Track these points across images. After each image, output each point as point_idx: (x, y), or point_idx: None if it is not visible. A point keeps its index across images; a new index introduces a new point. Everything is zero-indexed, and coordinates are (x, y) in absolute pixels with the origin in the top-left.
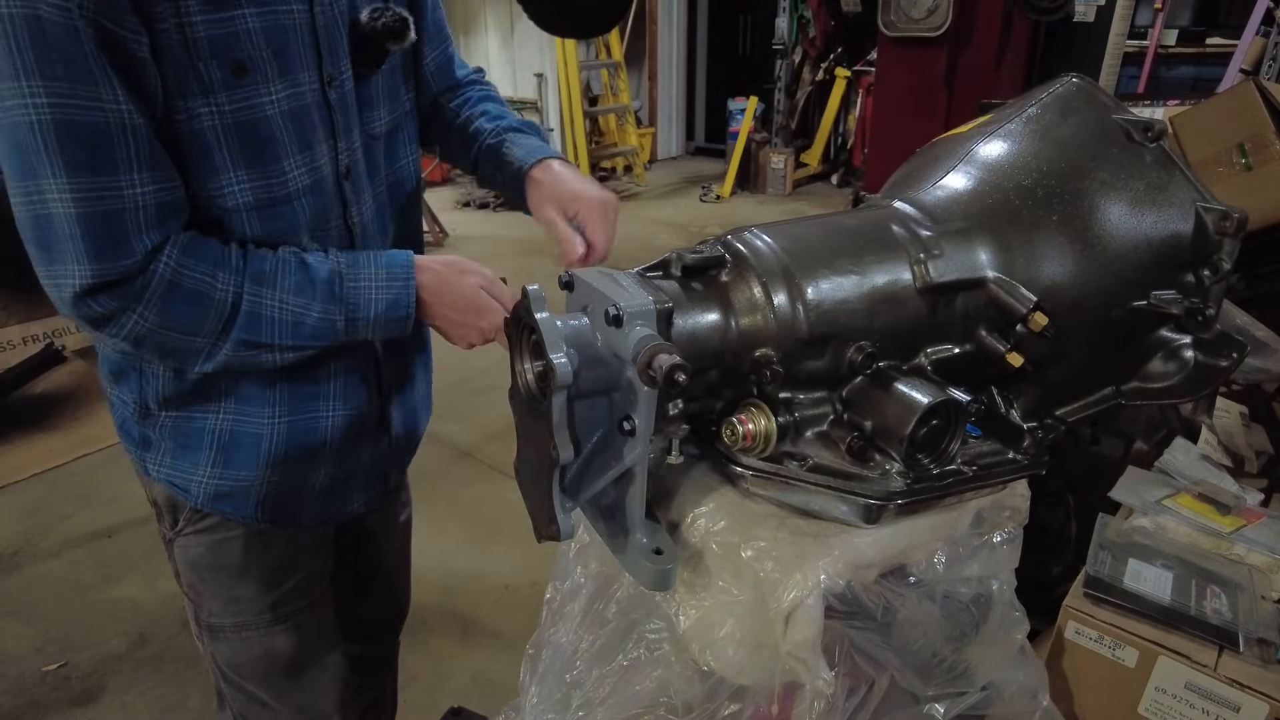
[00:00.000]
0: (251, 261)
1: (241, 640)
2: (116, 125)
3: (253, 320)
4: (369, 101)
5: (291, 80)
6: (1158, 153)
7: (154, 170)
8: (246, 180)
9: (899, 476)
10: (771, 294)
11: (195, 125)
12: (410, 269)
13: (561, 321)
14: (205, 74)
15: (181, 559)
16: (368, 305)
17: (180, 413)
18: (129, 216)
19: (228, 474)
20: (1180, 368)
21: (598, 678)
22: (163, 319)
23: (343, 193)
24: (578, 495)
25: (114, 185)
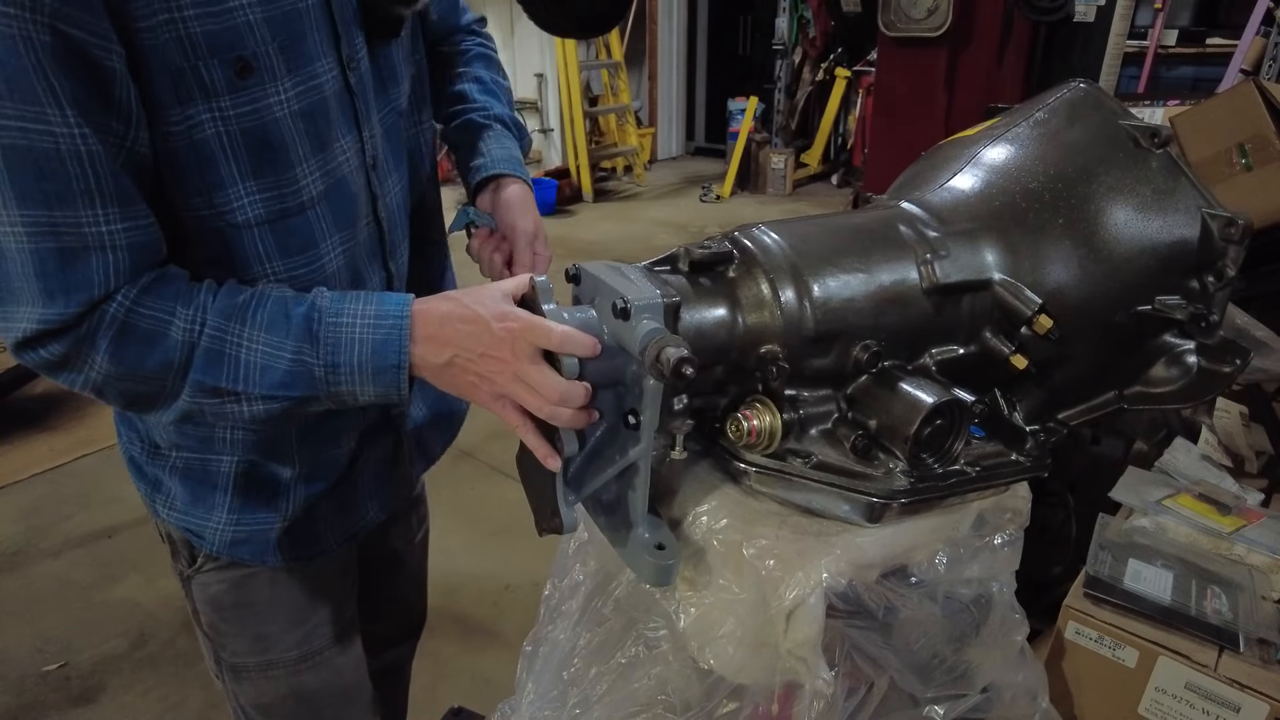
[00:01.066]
0: (223, 295)
1: (268, 680)
2: (70, 153)
3: (212, 360)
4: (393, 74)
5: (306, 74)
6: (1164, 158)
7: (121, 205)
8: (257, 192)
9: (903, 475)
10: (779, 291)
11: (197, 135)
12: (405, 310)
13: (568, 314)
14: (206, 75)
15: (200, 597)
16: (349, 348)
17: (193, 454)
18: (93, 258)
19: (245, 519)
20: (1183, 373)
21: (595, 675)
22: (116, 365)
23: (370, 186)
24: (581, 488)
25: (72, 221)
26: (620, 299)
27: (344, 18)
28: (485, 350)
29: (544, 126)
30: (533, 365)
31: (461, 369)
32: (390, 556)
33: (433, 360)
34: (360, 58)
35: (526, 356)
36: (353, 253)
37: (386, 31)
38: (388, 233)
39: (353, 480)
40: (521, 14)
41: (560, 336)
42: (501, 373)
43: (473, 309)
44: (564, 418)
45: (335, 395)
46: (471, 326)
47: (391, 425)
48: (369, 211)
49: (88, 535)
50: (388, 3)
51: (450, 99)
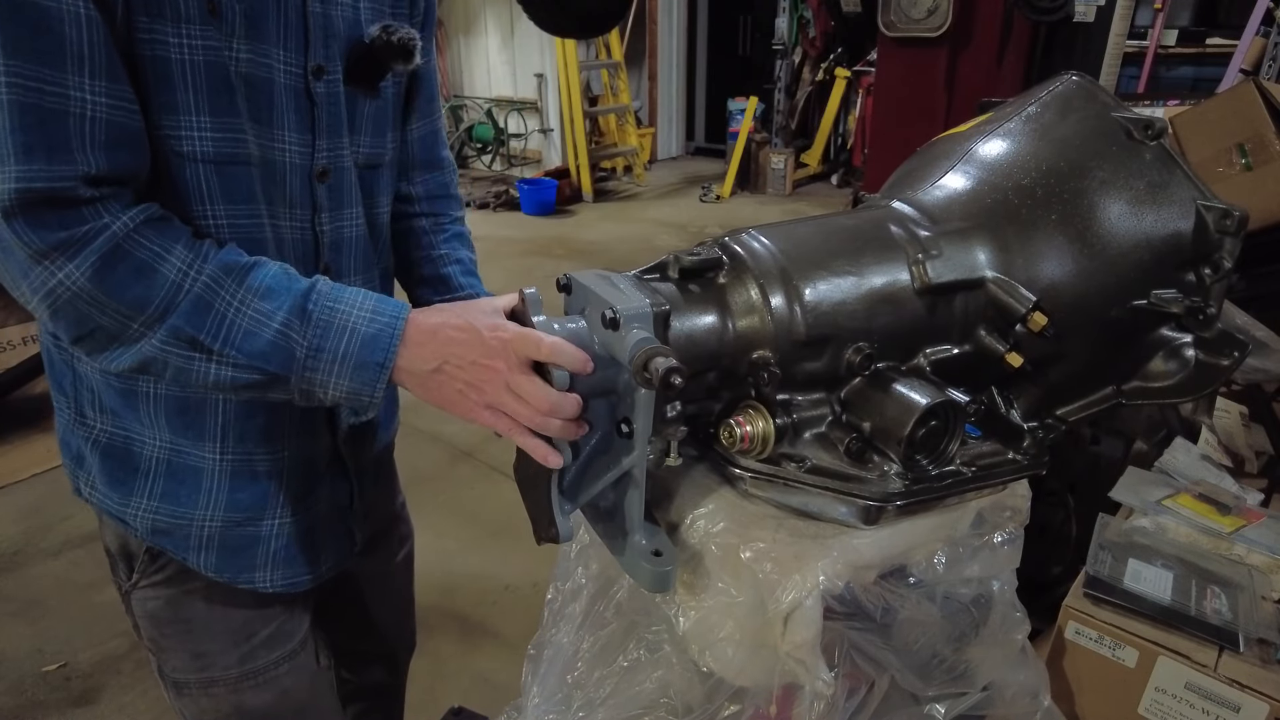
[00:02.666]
0: (227, 251)
1: (209, 698)
2: (71, 14)
3: (199, 309)
4: (357, 121)
5: (259, 50)
6: (1158, 151)
7: (109, 80)
8: (209, 128)
9: (897, 478)
10: (769, 296)
11: (160, 51)
12: (402, 313)
13: (558, 325)
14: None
15: (140, 611)
16: (339, 334)
17: (115, 428)
18: (73, 123)
19: (165, 508)
20: (1181, 367)
21: (599, 678)
22: (96, 284)
23: (314, 195)
24: (577, 497)
25: (59, 81)
26: (609, 309)
27: (325, 32)
28: (476, 359)
29: (544, 126)
30: (523, 375)
31: (450, 377)
32: (368, 578)
33: (420, 367)
34: (335, 79)
35: (517, 367)
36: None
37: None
38: (325, 250)
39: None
40: (521, 14)
41: (550, 347)
42: (492, 381)
43: (465, 319)
44: (554, 428)
45: (306, 382)
46: (463, 335)
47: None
48: (306, 217)
49: (88, 535)
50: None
51: (436, 281)
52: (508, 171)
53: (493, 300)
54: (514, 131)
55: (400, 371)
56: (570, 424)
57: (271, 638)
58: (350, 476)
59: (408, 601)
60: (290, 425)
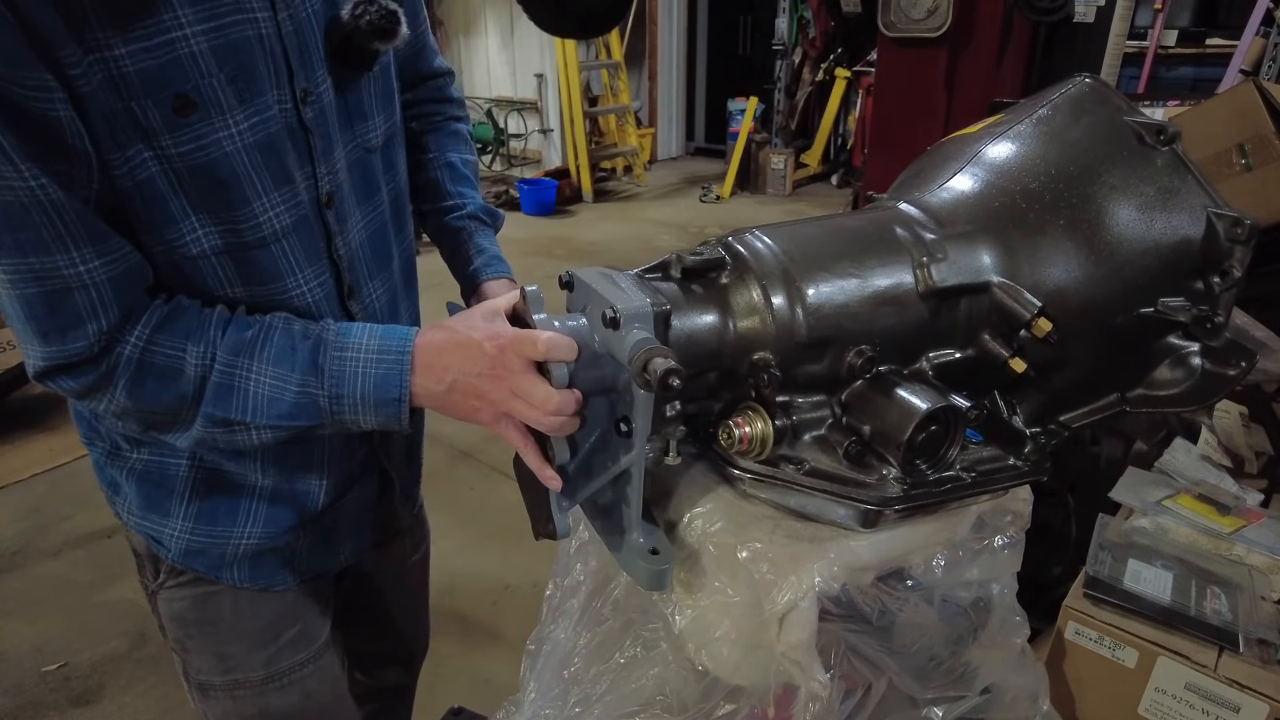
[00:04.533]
0: (232, 329)
1: (234, 700)
2: (32, 204)
3: (221, 394)
4: (360, 111)
5: (260, 105)
6: (1170, 156)
7: (94, 244)
8: (211, 225)
9: (896, 482)
10: (770, 297)
11: (140, 175)
12: (407, 346)
13: (559, 322)
14: (141, 115)
15: (166, 613)
16: (352, 381)
17: (152, 456)
18: (78, 296)
19: (201, 529)
20: (1187, 375)
21: (595, 675)
22: (134, 400)
23: (325, 224)
24: (575, 494)
25: (50, 266)
26: (610, 308)
27: (302, 47)
28: (481, 370)
29: (544, 127)
30: (525, 377)
31: (463, 392)
32: (384, 578)
33: (434, 388)
34: (321, 91)
35: (518, 369)
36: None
37: (356, 64)
38: (346, 272)
39: (330, 520)
40: (521, 14)
41: (545, 344)
42: (498, 389)
43: (465, 333)
44: (558, 425)
45: (339, 424)
46: (465, 350)
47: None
48: (323, 249)
49: (88, 535)
50: (360, 37)
51: (423, 190)
52: (508, 172)
53: (493, 302)
54: (514, 132)
55: (416, 397)
56: (570, 420)
57: (296, 639)
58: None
59: (423, 602)
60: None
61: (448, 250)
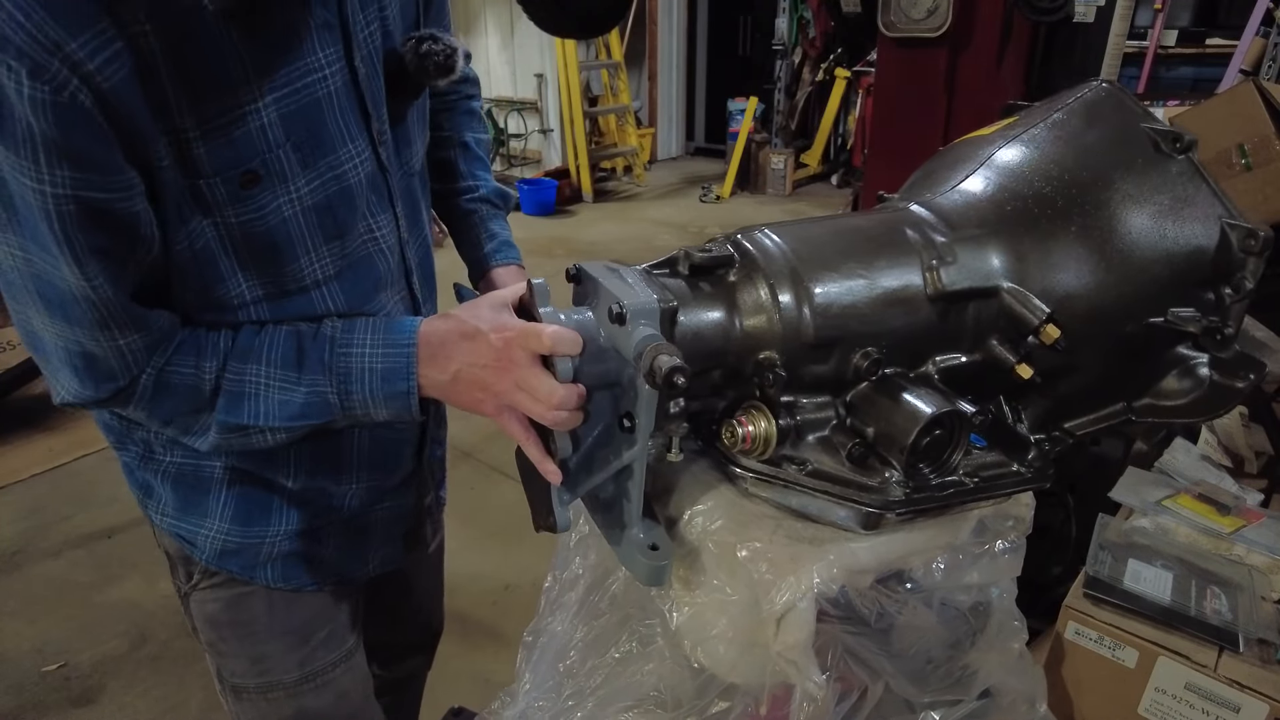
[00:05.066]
0: (239, 339)
1: (268, 702)
2: (83, 298)
3: (232, 401)
4: (407, 139)
5: (325, 165)
6: (1185, 165)
7: (134, 328)
8: (256, 280)
9: (898, 486)
10: (778, 296)
11: (198, 245)
12: (412, 335)
13: (565, 315)
14: (208, 193)
15: (199, 615)
16: (360, 378)
17: (186, 458)
18: (114, 362)
19: (236, 530)
20: (1195, 386)
21: (590, 668)
22: (151, 416)
23: (405, 261)
24: (576, 488)
25: (91, 337)
26: (616, 304)
27: (373, 94)
28: (486, 361)
29: (544, 126)
30: (530, 371)
31: (467, 383)
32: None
33: (439, 378)
34: (387, 131)
35: (524, 363)
36: None
37: (408, 94)
38: (422, 302)
39: (363, 525)
40: (521, 14)
41: (550, 338)
42: (502, 381)
43: (471, 324)
44: (562, 420)
45: (352, 419)
46: (471, 341)
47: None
48: (403, 285)
49: (88, 535)
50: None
51: (436, 168)
52: (508, 172)
53: (500, 294)
54: (514, 132)
55: (423, 387)
56: (574, 414)
57: (329, 639)
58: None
59: (438, 590)
60: (362, 453)
61: (458, 233)
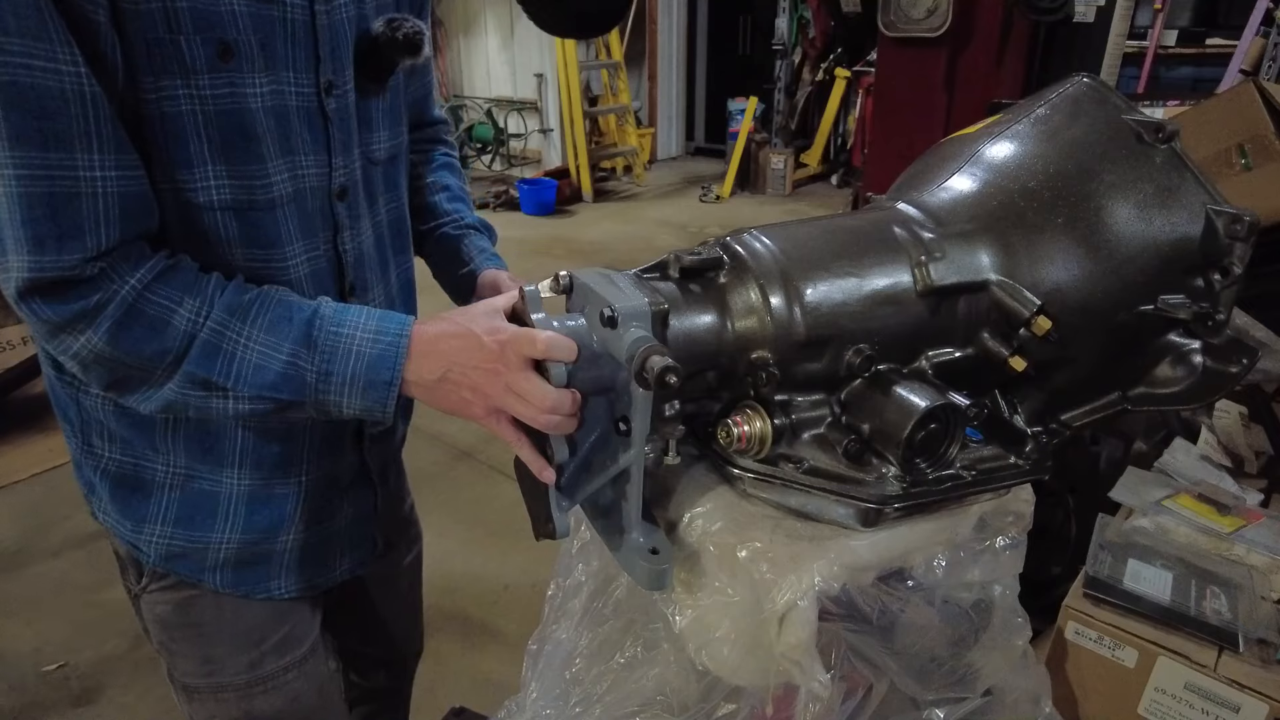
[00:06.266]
0: (230, 290)
1: (218, 702)
2: (74, 93)
3: (208, 352)
4: (369, 121)
5: (276, 77)
6: (1168, 154)
7: (117, 153)
8: (225, 177)
9: (895, 481)
10: (769, 297)
11: (169, 108)
12: (405, 330)
13: (557, 322)
14: (187, 51)
15: (149, 616)
16: (345, 359)
17: (125, 456)
18: (84, 203)
19: (180, 533)
20: (1189, 373)
21: (596, 675)
22: (114, 346)
23: (334, 214)
24: (575, 494)
25: (68, 164)
26: (607, 307)
27: (334, 44)
28: (478, 364)
29: (544, 126)
30: (523, 375)
31: (455, 384)
32: (375, 583)
33: (426, 377)
34: (346, 89)
35: (517, 367)
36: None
37: (376, 75)
38: (350, 269)
39: (325, 533)
40: (521, 14)
41: (545, 343)
42: (493, 384)
43: (464, 325)
44: (555, 424)
45: (321, 404)
46: (463, 342)
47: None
48: (328, 239)
49: (88, 535)
50: (392, 49)
51: (420, 212)
52: (508, 171)
53: (492, 301)
54: (514, 131)
55: (407, 384)
56: (568, 419)
57: (282, 643)
58: (374, 485)
59: (416, 604)
60: (311, 449)
61: (444, 259)
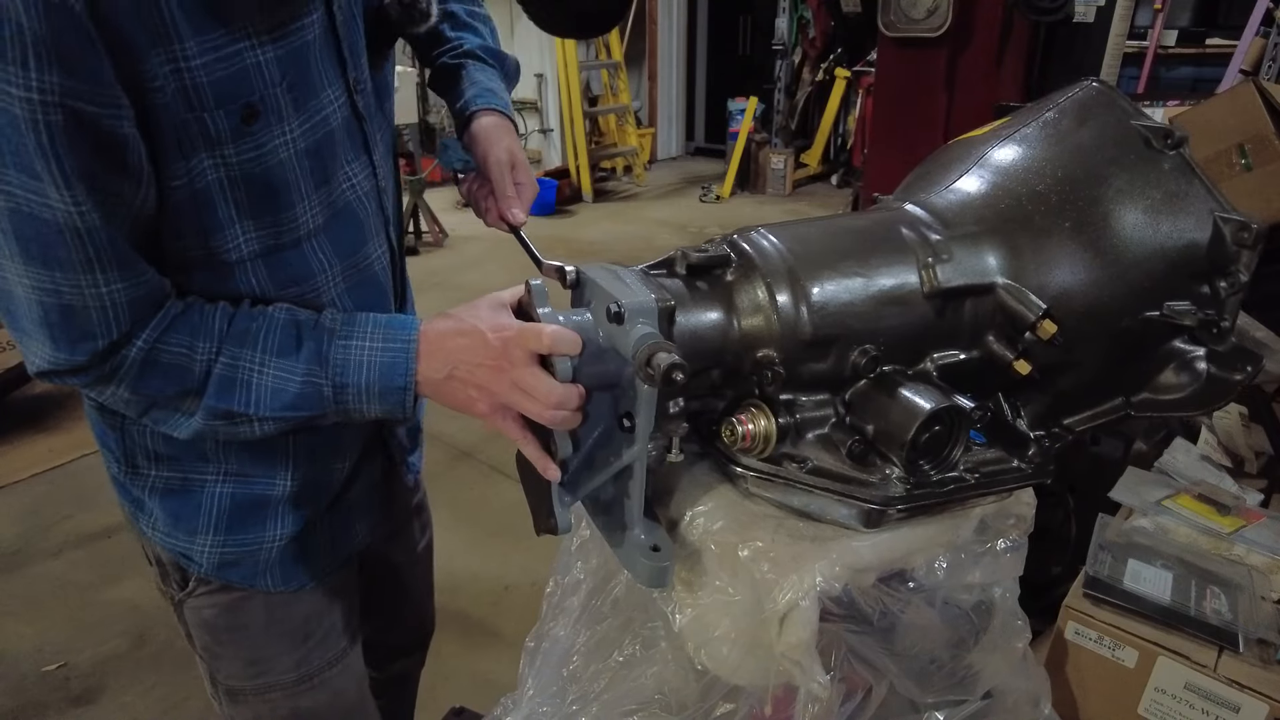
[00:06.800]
0: (236, 321)
1: (265, 703)
2: (68, 227)
3: (224, 386)
4: (386, 89)
5: (312, 109)
6: (1176, 160)
7: (120, 269)
8: (254, 230)
9: (899, 482)
10: (775, 295)
11: (198, 184)
12: (413, 332)
13: (563, 317)
14: (211, 126)
15: (194, 620)
16: (358, 370)
17: (173, 472)
18: (93, 314)
19: (233, 540)
20: (1192, 380)
21: (594, 672)
22: (137, 394)
23: (384, 210)
24: (577, 490)
25: (72, 283)
26: (614, 303)
27: (351, 39)
28: (483, 360)
29: (544, 126)
30: (528, 371)
31: (462, 381)
32: (393, 569)
33: (433, 375)
34: (365, 80)
35: (522, 362)
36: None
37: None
38: (397, 250)
39: (345, 503)
40: (521, 14)
41: (550, 338)
42: (499, 380)
43: (469, 322)
44: (561, 420)
45: (343, 412)
46: (468, 339)
47: (384, 446)
48: (383, 236)
49: (88, 535)
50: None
51: (426, 40)
52: None
53: (498, 295)
54: None
55: (417, 384)
56: (573, 415)
57: (325, 637)
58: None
59: (428, 589)
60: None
61: (443, 91)
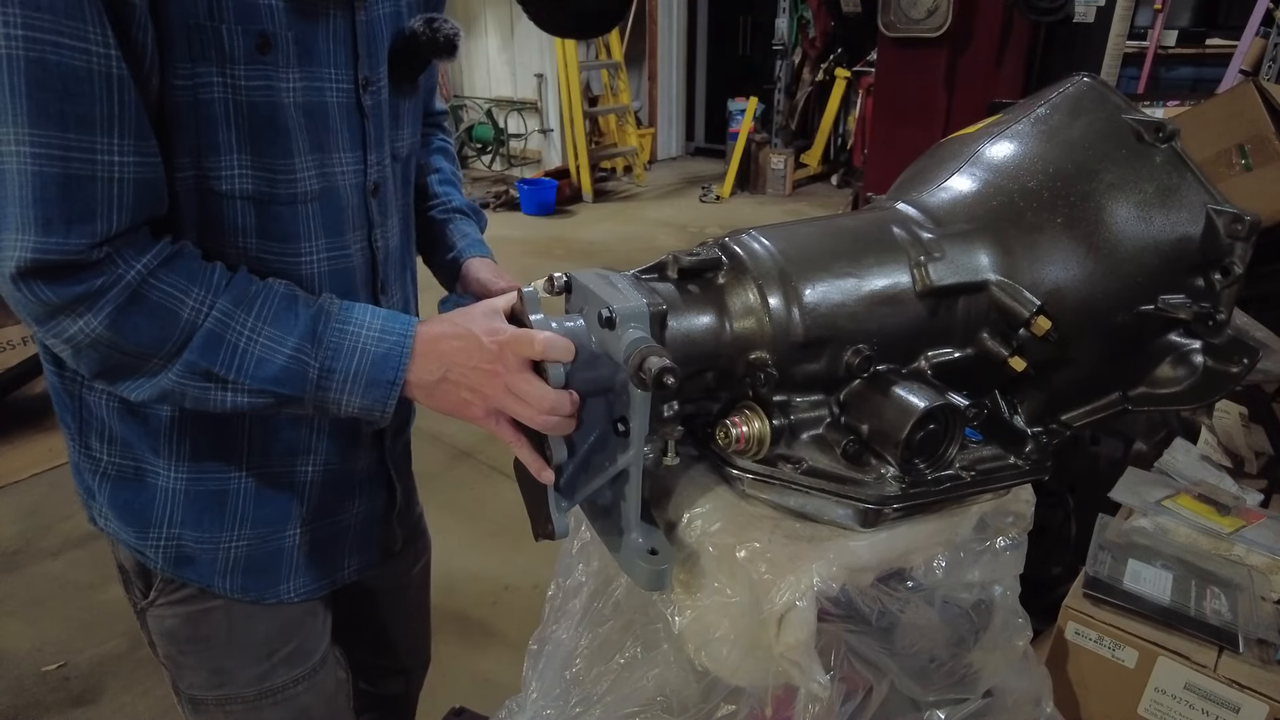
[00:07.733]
0: (235, 281)
1: (225, 714)
2: (102, 75)
3: (211, 342)
4: (398, 119)
5: (311, 73)
6: (1169, 154)
7: (137, 139)
8: (249, 167)
9: (894, 481)
10: (767, 297)
11: (203, 95)
12: (410, 330)
13: (556, 323)
14: (227, 40)
15: (156, 629)
16: (350, 355)
17: (125, 459)
18: (99, 187)
19: (188, 535)
20: (1189, 373)
21: (596, 675)
22: (113, 331)
23: (369, 211)
24: (574, 495)
25: (86, 146)
26: (606, 308)
27: (371, 42)
28: (477, 364)
29: (544, 127)
30: (521, 376)
31: (455, 384)
32: (384, 594)
33: (426, 378)
34: (381, 86)
35: (515, 367)
36: (342, 269)
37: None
38: (381, 266)
39: (332, 530)
40: (521, 14)
41: (542, 344)
42: (492, 385)
43: (464, 326)
44: (553, 425)
45: (320, 400)
46: (463, 342)
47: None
48: (363, 236)
49: (88, 535)
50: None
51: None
52: (508, 171)
53: (492, 301)
54: (514, 131)
55: (408, 385)
56: (567, 420)
57: (292, 655)
58: (392, 484)
59: (424, 615)
60: (319, 436)
61: (429, 243)
